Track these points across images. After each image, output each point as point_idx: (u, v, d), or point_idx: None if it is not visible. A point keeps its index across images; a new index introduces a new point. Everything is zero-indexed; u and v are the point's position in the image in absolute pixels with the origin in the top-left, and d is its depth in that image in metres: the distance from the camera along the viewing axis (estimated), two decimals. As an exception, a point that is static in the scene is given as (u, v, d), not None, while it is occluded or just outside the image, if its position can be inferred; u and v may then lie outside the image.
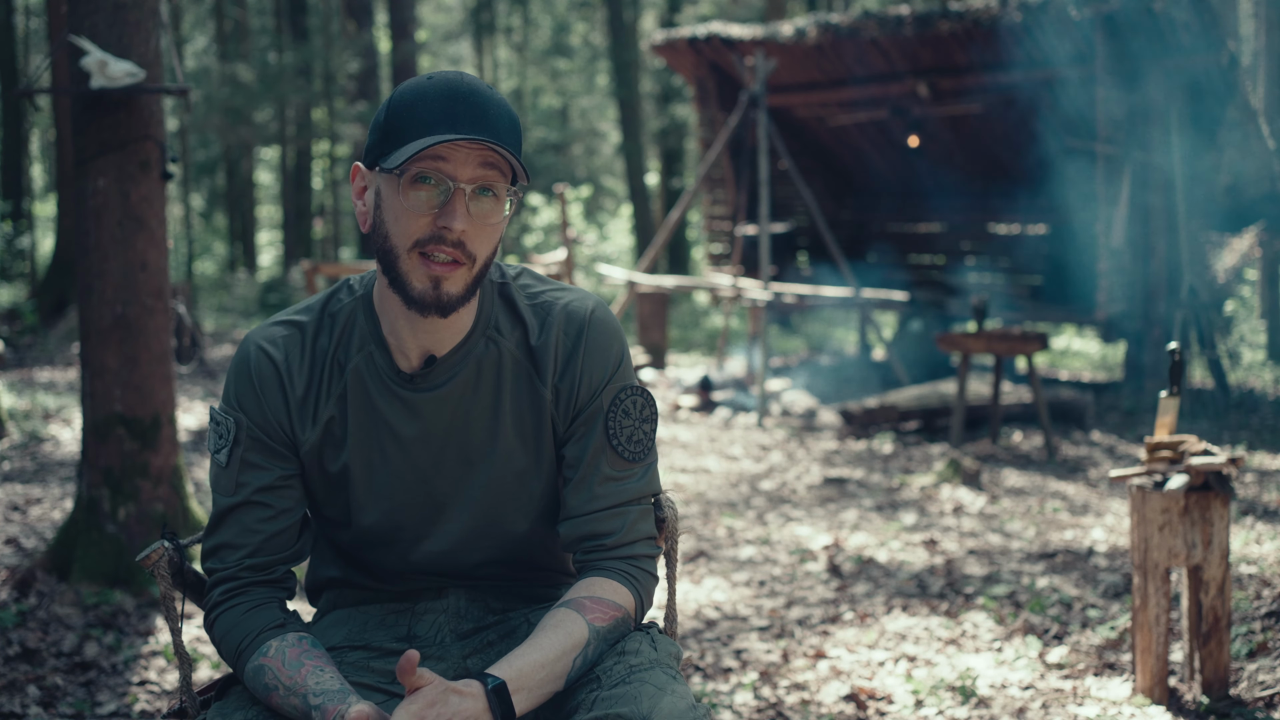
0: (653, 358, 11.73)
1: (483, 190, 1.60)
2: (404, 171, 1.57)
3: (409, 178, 1.58)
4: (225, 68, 18.18)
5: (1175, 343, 3.43)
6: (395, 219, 1.60)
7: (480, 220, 1.59)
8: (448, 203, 1.57)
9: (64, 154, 11.67)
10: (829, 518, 5.81)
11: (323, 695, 1.56)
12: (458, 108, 1.57)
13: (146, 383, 4.24)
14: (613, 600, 1.68)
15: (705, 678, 3.66)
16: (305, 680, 1.59)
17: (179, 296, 10.28)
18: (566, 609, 1.65)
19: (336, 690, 1.57)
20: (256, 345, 1.73)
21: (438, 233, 1.57)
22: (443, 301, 1.60)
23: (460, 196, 1.57)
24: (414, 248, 1.59)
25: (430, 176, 1.57)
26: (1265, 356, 12.29)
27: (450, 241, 1.58)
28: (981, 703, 3.39)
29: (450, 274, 1.59)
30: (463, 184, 1.58)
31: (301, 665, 1.61)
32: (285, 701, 1.60)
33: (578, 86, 26.12)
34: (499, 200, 1.61)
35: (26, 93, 4.40)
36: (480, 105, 1.58)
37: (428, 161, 1.57)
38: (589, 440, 1.73)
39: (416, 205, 1.58)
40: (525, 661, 1.57)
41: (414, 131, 1.57)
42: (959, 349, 7.63)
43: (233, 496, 1.71)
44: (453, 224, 1.57)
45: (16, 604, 4.05)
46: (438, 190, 1.58)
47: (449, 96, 1.58)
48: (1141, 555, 3.28)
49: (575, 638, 1.62)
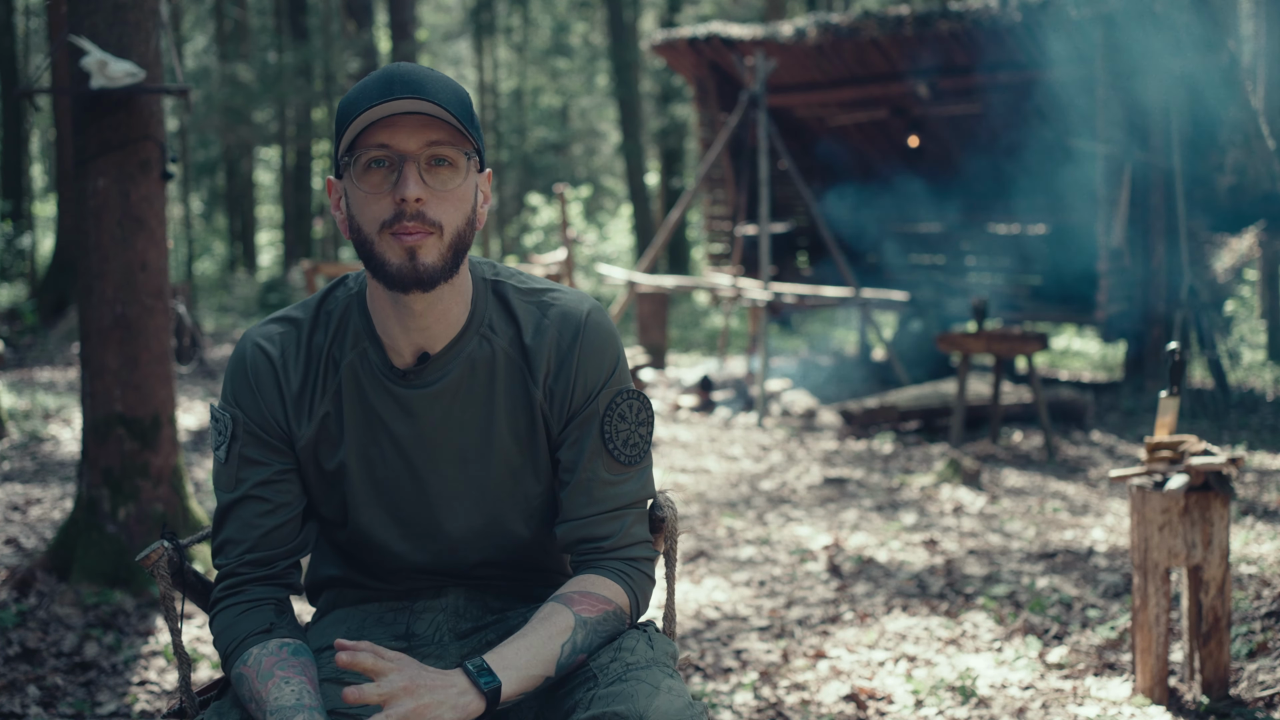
0: (653, 358, 11.73)
1: (437, 161, 1.61)
2: (355, 160, 1.60)
3: (361, 166, 1.60)
4: (225, 68, 18.19)
5: (1175, 343, 3.43)
6: (360, 208, 1.62)
7: (439, 188, 1.61)
8: (400, 177, 1.59)
9: (64, 154, 11.67)
10: (829, 518, 5.81)
11: (277, 712, 1.55)
12: (393, 85, 1.59)
13: (146, 383, 4.24)
14: (602, 594, 1.69)
15: (705, 678, 3.66)
16: (268, 694, 1.58)
17: (179, 296, 10.28)
18: (554, 602, 1.66)
19: (290, 706, 1.55)
20: (253, 342, 1.74)
21: (398, 209, 1.59)
22: (419, 273, 1.61)
23: (411, 166, 1.59)
24: (382, 229, 1.60)
25: (382, 159, 1.60)
26: (1265, 356, 12.29)
27: (409, 214, 1.59)
28: (981, 703, 3.39)
29: (422, 242, 1.60)
30: (411, 154, 1.59)
31: (271, 676, 1.60)
32: (256, 714, 1.60)
33: (578, 86, 26.13)
34: (455, 168, 1.62)
35: (26, 93, 4.40)
36: (416, 80, 1.60)
37: (374, 148, 1.59)
38: (584, 444, 1.73)
39: (374, 187, 1.60)
40: (509, 647, 1.58)
41: (354, 119, 1.59)
42: (959, 349, 7.63)
43: (232, 492, 1.72)
44: (406, 192, 1.58)
45: (16, 604, 4.05)
46: (391, 169, 1.60)
47: (385, 80, 1.60)
48: (1141, 555, 3.28)
49: (560, 626, 1.62)
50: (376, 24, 19.71)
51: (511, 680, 1.55)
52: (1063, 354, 14.03)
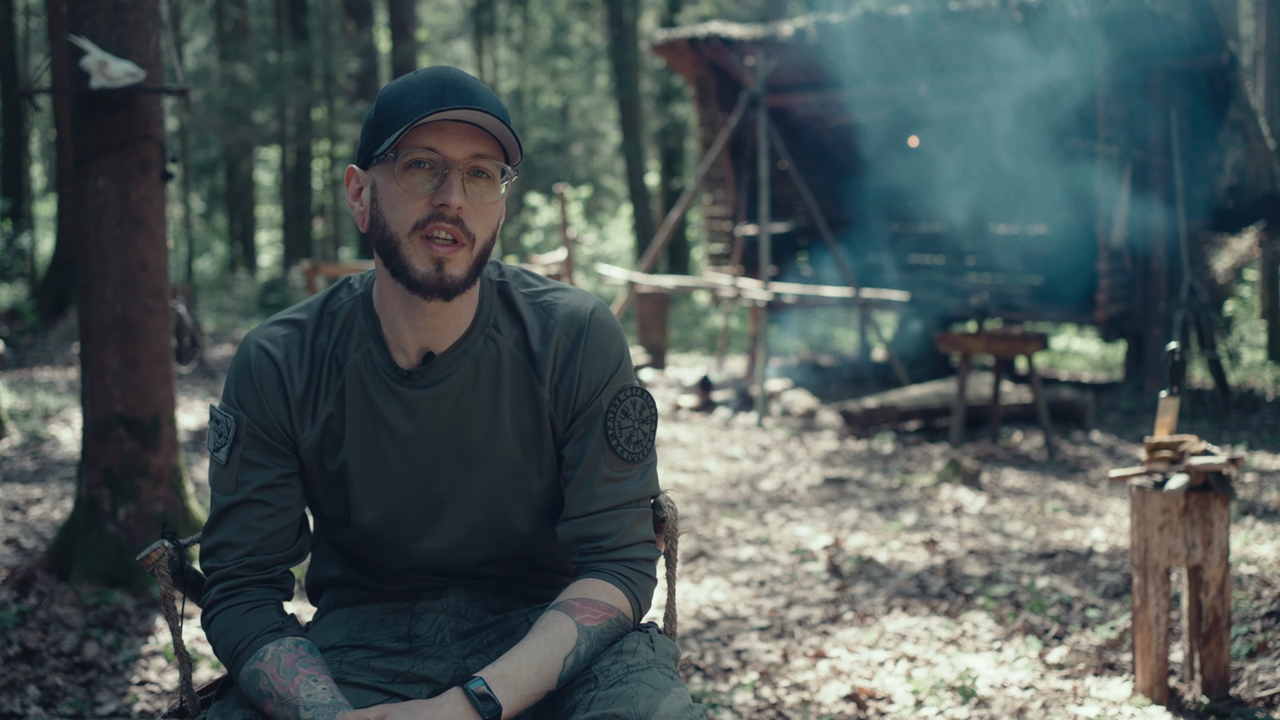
0: (653, 358, 11.73)
1: (477, 172, 1.61)
2: (398, 157, 1.59)
3: (403, 164, 1.59)
4: (225, 68, 18.18)
5: (1175, 343, 3.43)
6: (393, 205, 1.61)
7: (476, 200, 1.61)
8: (444, 180, 1.59)
9: (64, 154, 11.67)
10: (829, 518, 5.81)
11: (313, 709, 1.56)
12: (446, 91, 1.59)
13: (146, 383, 4.24)
14: (604, 601, 1.68)
15: (705, 678, 3.66)
16: (298, 691, 1.58)
17: (179, 296, 10.28)
18: (556, 611, 1.66)
19: (327, 704, 1.57)
20: (256, 344, 1.73)
21: (436, 211, 1.59)
22: (446, 284, 1.61)
23: (456, 174, 1.59)
24: (414, 230, 1.60)
25: (424, 160, 1.59)
26: (1265, 356, 12.29)
27: (449, 218, 1.59)
28: (981, 703, 3.39)
29: (452, 254, 1.60)
30: (457, 162, 1.59)
31: (295, 674, 1.61)
32: (278, 711, 1.59)
33: (578, 86, 26.13)
34: (493, 182, 1.63)
35: (26, 93, 4.40)
36: (468, 87, 1.60)
37: (419, 149, 1.58)
38: (588, 441, 1.73)
39: (413, 187, 1.59)
40: (510, 662, 1.58)
41: (404, 118, 1.58)
42: (959, 349, 7.63)
43: (232, 495, 1.71)
44: (450, 199, 1.58)
45: (16, 604, 4.05)
46: (433, 172, 1.60)
47: (436, 83, 1.60)
48: (1141, 555, 3.28)
49: (564, 637, 1.62)
50: (376, 24, 19.72)
51: (512, 701, 1.55)
52: (1063, 354, 14.03)
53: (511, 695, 1.55)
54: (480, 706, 1.52)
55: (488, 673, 1.56)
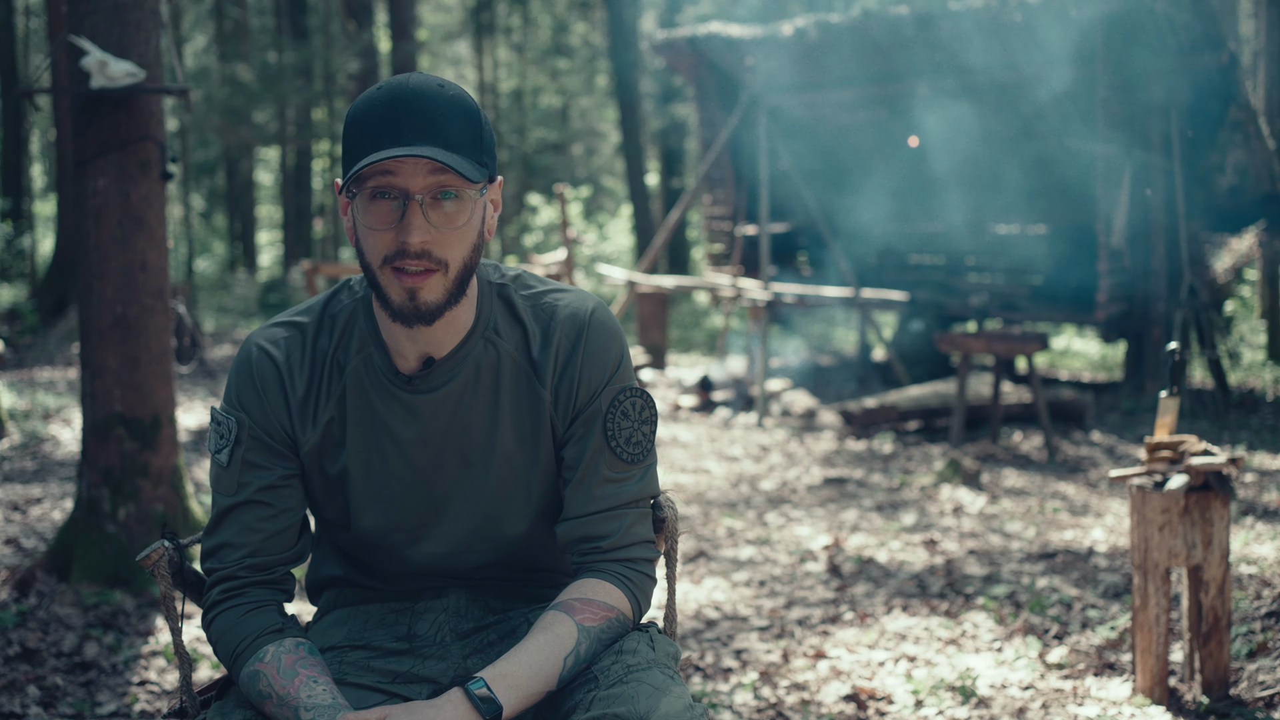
0: (653, 358, 11.73)
1: (444, 194, 1.57)
2: (358, 193, 1.57)
3: (365, 196, 1.57)
4: (225, 68, 18.18)
5: (1175, 343, 3.43)
6: (364, 236, 1.60)
7: (444, 225, 1.58)
8: (404, 216, 1.56)
9: (64, 154, 11.67)
10: (829, 518, 5.81)
11: (314, 710, 1.56)
12: (401, 118, 1.55)
13: (146, 383, 4.24)
14: (603, 601, 1.68)
15: (705, 678, 3.66)
16: (298, 692, 1.59)
17: (179, 296, 10.28)
18: (555, 611, 1.66)
19: (327, 705, 1.57)
20: (258, 345, 1.73)
21: (401, 247, 1.56)
22: (421, 311, 1.60)
23: (415, 208, 1.55)
24: (384, 264, 1.58)
25: (386, 190, 1.56)
26: (1265, 356, 12.28)
27: (414, 253, 1.56)
28: (981, 703, 3.39)
29: (423, 283, 1.58)
30: (416, 195, 1.56)
31: (295, 675, 1.61)
32: (278, 711, 1.60)
33: (578, 86, 26.12)
34: (463, 200, 1.59)
35: (26, 93, 4.40)
36: (424, 111, 1.56)
37: (379, 177, 1.56)
38: (588, 441, 1.73)
39: (377, 222, 1.57)
40: (511, 663, 1.58)
41: (361, 149, 1.56)
42: (959, 349, 7.63)
43: (234, 496, 1.71)
44: (409, 238, 1.55)
45: (16, 604, 4.05)
46: (396, 203, 1.56)
47: (392, 107, 1.56)
48: (1141, 555, 3.28)
49: (564, 637, 1.62)
50: (376, 24, 19.71)
51: (513, 702, 1.55)
52: (1063, 354, 14.03)
53: (512, 695, 1.55)
54: (481, 707, 1.52)
55: (488, 673, 1.56)
